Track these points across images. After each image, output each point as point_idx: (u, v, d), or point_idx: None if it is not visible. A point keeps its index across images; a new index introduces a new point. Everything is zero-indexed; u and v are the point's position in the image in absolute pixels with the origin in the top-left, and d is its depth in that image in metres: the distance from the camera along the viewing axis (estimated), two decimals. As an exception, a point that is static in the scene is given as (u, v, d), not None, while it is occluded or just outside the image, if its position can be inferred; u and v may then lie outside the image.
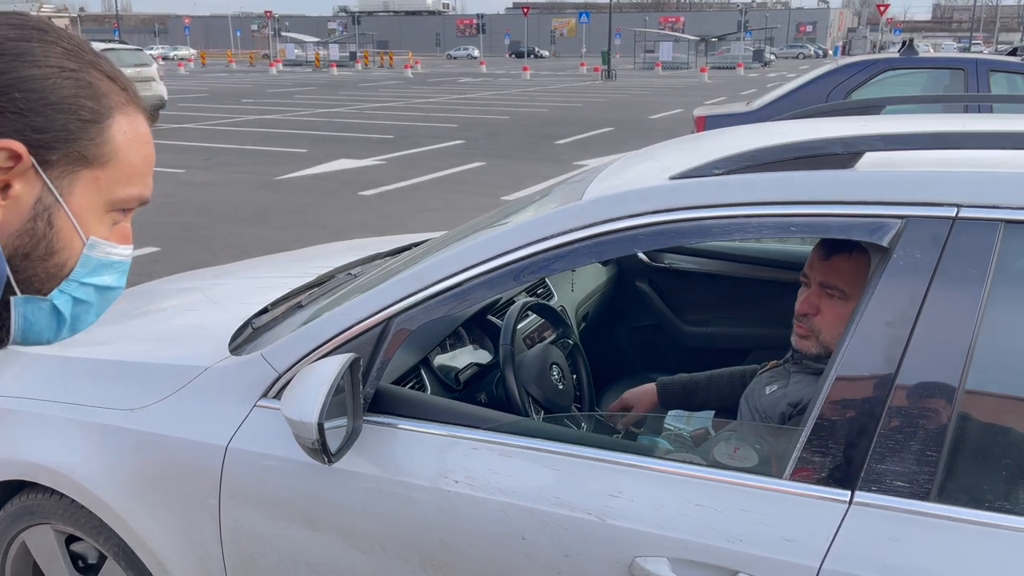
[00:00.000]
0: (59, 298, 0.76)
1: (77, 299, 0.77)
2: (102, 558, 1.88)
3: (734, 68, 44.61)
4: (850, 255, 1.54)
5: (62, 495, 1.80)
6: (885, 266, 1.24)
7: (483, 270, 1.47)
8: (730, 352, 2.64)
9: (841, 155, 1.34)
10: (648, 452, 1.54)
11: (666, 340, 2.82)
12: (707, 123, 6.55)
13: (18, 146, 0.68)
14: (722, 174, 1.38)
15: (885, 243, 1.24)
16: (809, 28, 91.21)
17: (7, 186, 0.69)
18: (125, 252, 0.80)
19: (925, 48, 56.83)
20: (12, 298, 0.73)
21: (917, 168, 1.30)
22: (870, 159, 1.35)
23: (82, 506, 1.77)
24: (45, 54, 0.70)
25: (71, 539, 1.93)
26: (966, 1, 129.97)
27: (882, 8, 36.35)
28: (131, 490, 1.70)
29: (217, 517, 1.63)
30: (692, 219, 1.34)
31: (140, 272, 5.84)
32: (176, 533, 1.68)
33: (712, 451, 1.50)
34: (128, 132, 0.76)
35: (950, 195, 1.23)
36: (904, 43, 7.02)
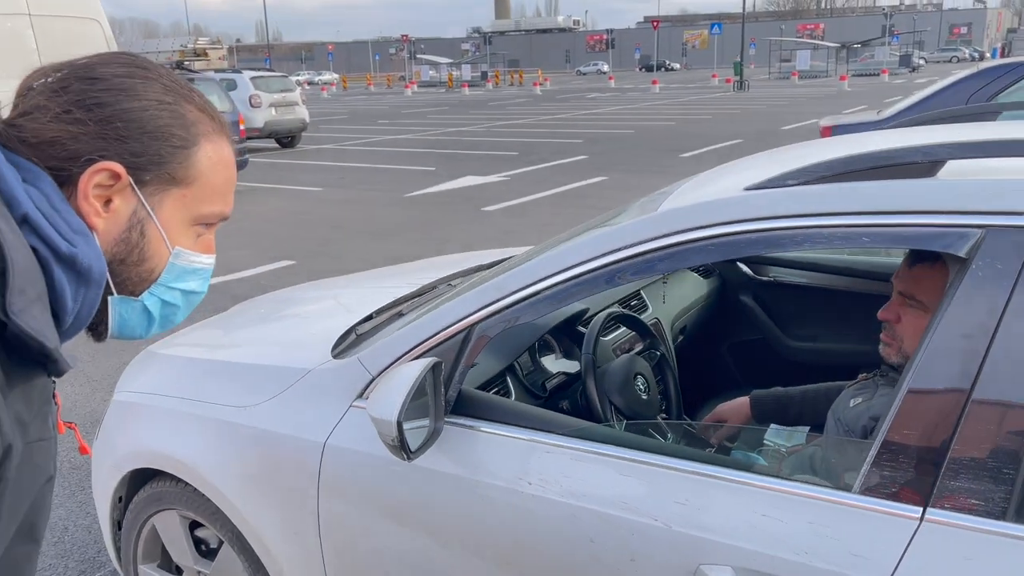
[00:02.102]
0: (149, 299, 0.88)
1: (165, 301, 0.89)
2: (221, 543, 2.06)
3: (878, 75, 42.49)
4: (932, 265, 1.50)
5: (186, 483, 1.99)
6: (963, 277, 1.20)
7: (559, 280, 1.53)
8: (839, 369, 2.55)
9: (921, 164, 1.31)
10: (743, 467, 1.54)
11: (771, 355, 2.76)
12: (834, 133, 6.31)
13: (119, 168, 0.80)
14: (795, 185, 1.37)
15: (963, 253, 1.20)
16: (963, 30, 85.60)
17: (108, 201, 0.82)
18: (207, 261, 0.92)
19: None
20: (110, 297, 0.86)
21: (999, 176, 1.25)
22: (951, 167, 1.31)
23: (203, 494, 1.95)
24: (146, 89, 0.83)
25: (194, 525, 2.12)
26: None
27: (1045, 5, 33.60)
28: (242, 481, 1.85)
29: (316, 509, 1.75)
30: (761, 230, 1.35)
31: (276, 285, 6.23)
32: (280, 522, 1.82)
33: (842, 476, 1.45)
34: (212, 157, 0.87)
35: (1034, 204, 1.18)
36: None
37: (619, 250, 1.49)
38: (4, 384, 0.70)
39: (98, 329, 0.87)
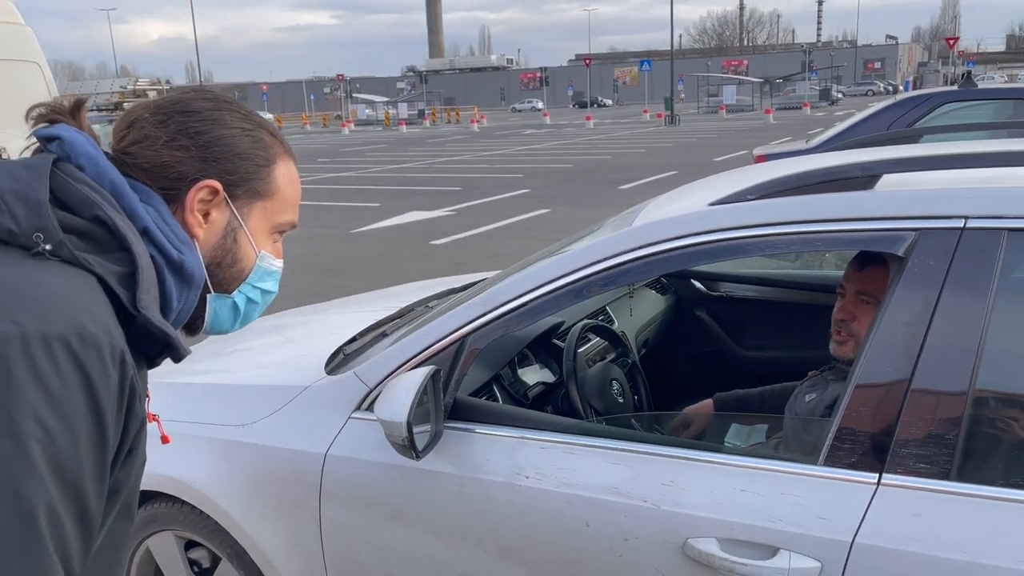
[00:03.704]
0: (239, 297, 1.03)
1: (249, 299, 1.04)
2: (215, 562, 2.12)
3: (800, 108, 44.28)
4: (883, 266, 1.70)
5: (183, 503, 2.05)
6: (902, 274, 1.40)
7: (545, 291, 1.68)
8: (788, 375, 2.76)
9: (860, 178, 1.51)
10: (720, 449, 1.69)
11: (725, 366, 2.96)
12: (767, 161, 6.67)
13: (217, 184, 0.95)
14: (754, 199, 1.56)
15: (901, 253, 1.40)
16: (877, 65, 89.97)
17: (207, 214, 0.96)
18: (279, 264, 1.07)
19: (1000, 78, 55.41)
20: (208, 295, 1.00)
21: (929, 186, 1.46)
22: (887, 180, 1.51)
23: (201, 512, 2.02)
24: (231, 119, 0.98)
25: (189, 545, 2.18)
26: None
27: (951, 42, 35.82)
28: (244, 496, 1.93)
29: (318, 518, 1.85)
30: (727, 239, 1.53)
31: (230, 321, 6.23)
32: (283, 533, 1.90)
33: (807, 452, 1.62)
34: (286, 173, 1.03)
35: (958, 208, 1.39)
36: (963, 76, 7.05)
37: (600, 261, 1.65)
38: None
39: (195, 324, 1.01)
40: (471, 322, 1.75)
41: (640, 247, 1.61)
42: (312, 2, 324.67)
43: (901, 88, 63.37)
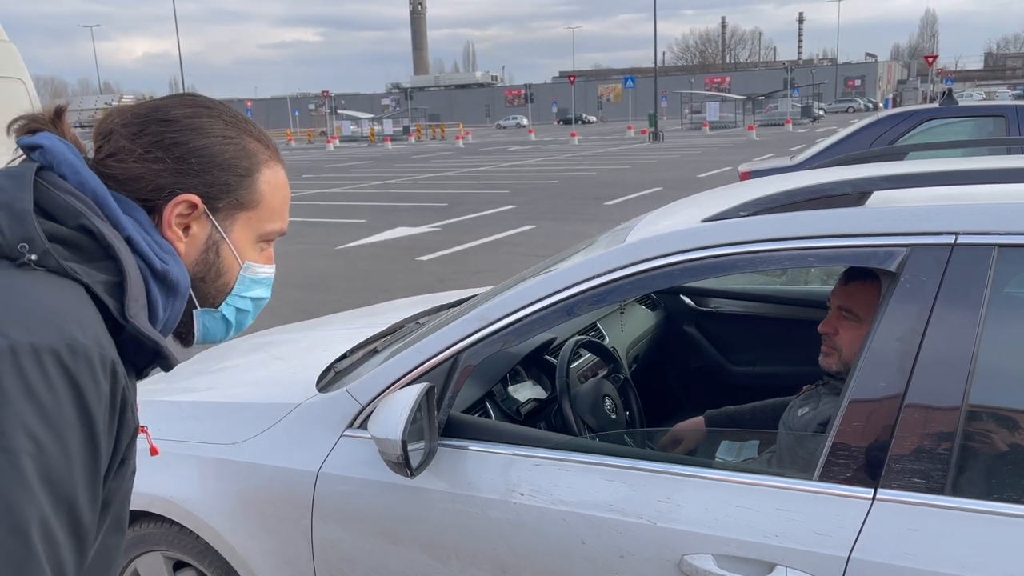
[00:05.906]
0: (227, 309, 1.01)
1: (239, 309, 1.03)
2: (204, 582, 2.09)
3: (782, 125, 44.69)
4: (864, 282, 1.72)
5: (172, 523, 2.03)
6: (894, 289, 1.41)
7: (540, 307, 1.68)
8: (777, 390, 2.77)
9: (851, 194, 1.52)
10: (717, 466, 1.69)
11: (715, 381, 2.97)
12: (752, 177, 6.72)
13: (195, 199, 0.93)
14: (747, 216, 1.57)
15: (893, 269, 1.41)
16: (857, 82, 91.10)
17: (187, 227, 0.94)
18: (269, 270, 1.05)
19: (979, 96, 56.29)
20: (194, 311, 0.99)
21: (920, 203, 1.47)
22: (878, 197, 1.53)
23: (190, 532, 1.99)
24: (211, 127, 0.95)
25: (178, 566, 2.15)
26: (1018, 48, 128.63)
27: (930, 60, 36.42)
28: (234, 515, 1.91)
29: (309, 536, 1.83)
30: (721, 255, 1.54)
31: (215, 338, 6.18)
32: (273, 553, 1.88)
33: (802, 468, 1.63)
34: (271, 181, 1.00)
35: (949, 225, 1.40)
36: (944, 93, 7.16)
37: (593, 278, 1.65)
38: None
39: (186, 338, 1.01)
40: (465, 338, 1.75)
41: (634, 263, 1.62)
42: (297, 19, 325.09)
43: (881, 105, 64.16)
